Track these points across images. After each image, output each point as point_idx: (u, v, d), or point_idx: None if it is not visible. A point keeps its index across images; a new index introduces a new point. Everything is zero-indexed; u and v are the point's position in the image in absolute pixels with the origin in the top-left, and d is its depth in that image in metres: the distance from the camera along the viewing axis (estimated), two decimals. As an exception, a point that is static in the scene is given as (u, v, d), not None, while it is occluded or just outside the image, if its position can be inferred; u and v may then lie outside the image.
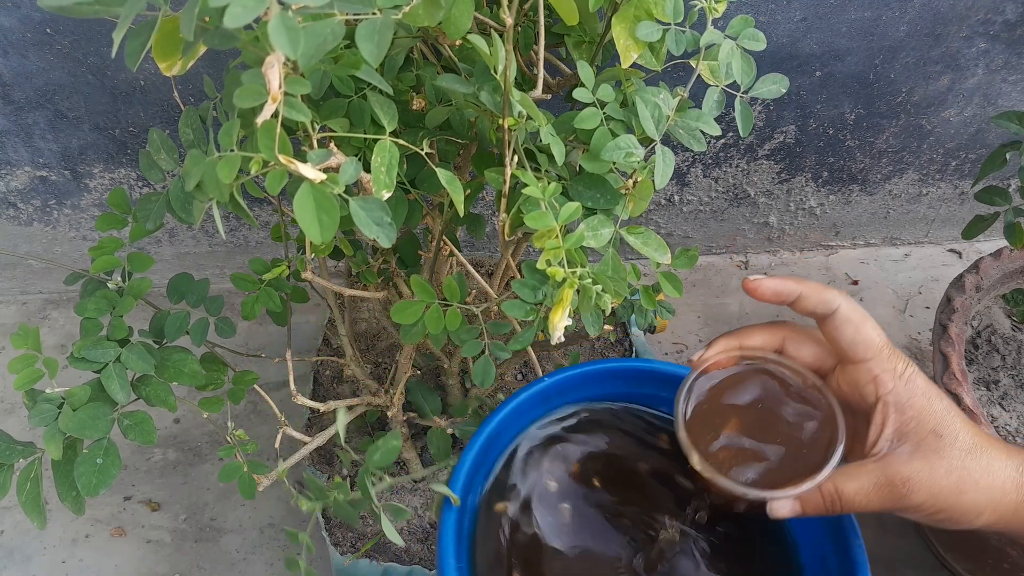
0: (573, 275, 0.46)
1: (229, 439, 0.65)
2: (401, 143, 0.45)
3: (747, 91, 0.53)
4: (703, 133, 0.52)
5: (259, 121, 0.37)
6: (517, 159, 0.50)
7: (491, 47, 0.43)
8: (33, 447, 0.56)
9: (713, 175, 1.10)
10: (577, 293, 0.47)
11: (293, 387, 0.69)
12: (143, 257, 0.62)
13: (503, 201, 0.52)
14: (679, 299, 1.22)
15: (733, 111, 0.52)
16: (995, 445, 0.46)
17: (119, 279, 0.62)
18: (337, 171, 0.41)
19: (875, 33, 0.92)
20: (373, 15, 0.35)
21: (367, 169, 0.43)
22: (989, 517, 0.45)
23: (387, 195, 0.43)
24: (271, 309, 0.66)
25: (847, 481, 0.46)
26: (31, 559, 0.95)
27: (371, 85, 0.47)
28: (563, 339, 0.48)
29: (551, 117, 0.52)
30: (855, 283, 1.22)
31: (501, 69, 0.44)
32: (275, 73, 0.35)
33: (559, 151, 0.49)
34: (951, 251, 1.26)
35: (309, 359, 0.86)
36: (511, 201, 0.51)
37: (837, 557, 0.54)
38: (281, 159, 0.38)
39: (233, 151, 0.40)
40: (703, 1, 0.50)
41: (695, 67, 0.52)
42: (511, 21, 0.42)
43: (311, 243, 0.59)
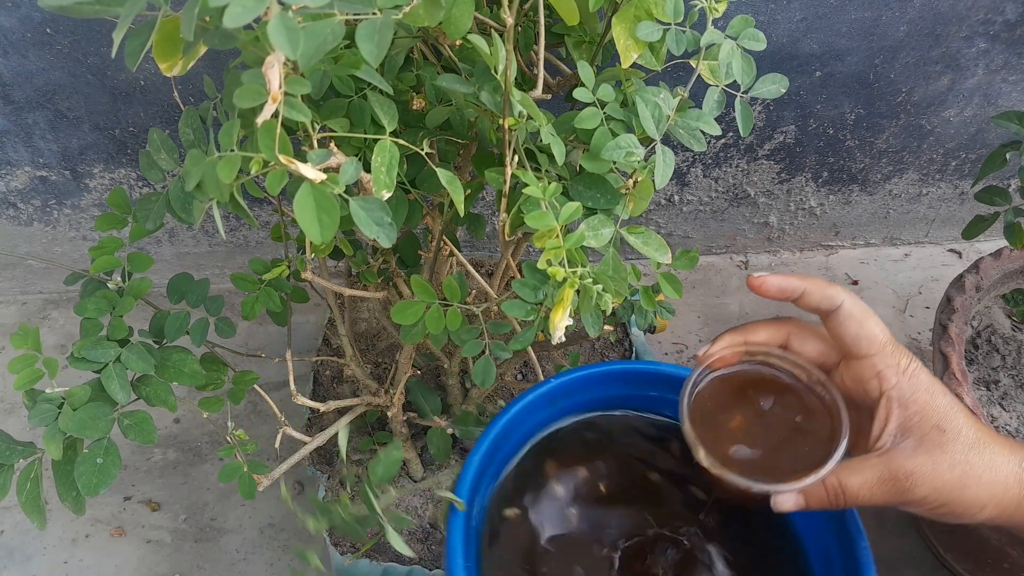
0: (574, 275, 0.46)
1: (229, 439, 0.65)
2: (401, 143, 0.45)
3: (747, 91, 0.53)
4: (703, 133, 0.52)
5: (259, 121, 0.37)
6: (517, 159, 0.50)
7: (491, 47, 0.43)
8: (33, 447, 0.56)
9: (713, 175, 1.10)
10: (577, 293, 0.47)
11: (293, 387, 0.69)
12: (143, 257, 0.62)
13: (503, 201, 0.52)
14: (679, 299, 1.22)
15: (733, 111, 0.52)
16: (998, 440, 0.46)
17: (119, 279, 0.62)
18: (337, 171, 0.41)
19: (875, 33, 0.92)
20: (373, 15, 0.35)
21: (367, 169, 0.43)
22: (991, 511, 0.46)
23: (387, 195, 0.43)
24: (271, 309, 0.66)
25: (851, 475, 0.46)
26: (31, 559, 0.95)
27: (371, 85, 0.47)
28: (563, 339, 0.48)
29: (551, 117, 0.51)
30: (855, 283, 1.22)
31: (501, 69, 0.44)
32: (275, 73, 0.35)
33: (559, 151, 0.49)
34: (951, 251, 1.26)
35: (309, 359, 0.86)
36: (511, 201, 0.51)
37: (843, 558, 0.55)
38: (281, 159, 0.38)
39: (233, 151, 0.40)
40: (703, 1, 0.50)
41: (695, 67, 0.52)
42: (511, 21, 0.42)
43: (311, 243, 0.59)
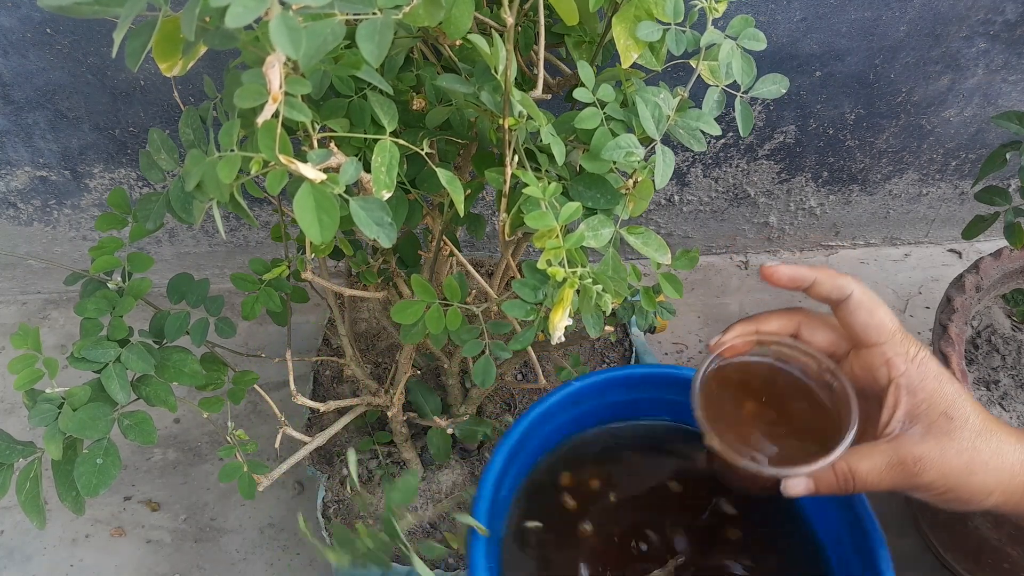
0: (574, 275, 0.46)
1: (229, 439, 0.65)
2: (401, 143, 0.45)
3: (747, 91, 0.53)
4: (703, 133, 0.52)
5: (259, 121, 0.37)
6: (517, 159, 0.50)
7: (491, 47, 0.43)
8: (33, 447, 0.56)
9: (713, 175, 1.10)
10: (577, 293, 0.47)
11: (293, 387, 0.69)
12: (143, 257, 0.62)
13: (503, 201, 0.52)
14: (680, 299, 1.22)
15: (733, 111, 0.52)
16: (1005, 429, 0.47)
17: (119, 279, 0.62)
18: (337, 171, 0.41)
19: (875, 33, 0.92)
20: (373, 15, 0.35)
21: (367, 169, 0.43)
22: (997, 498, 0.46)
23: (387, 195, 0.43)
24: (271, 309, 0.66)
25: (860, 460, 0.47)
26: (31, 559, 0.95)
27: (371, 85, 0.47)
28: (563, 339, 0.48)
29: (551, 117, 0.51)
30: (855, 283, 1.22)
31: (502, 69, 0.44)
32: (276, 73, 0.35)
33: (559, 151, 0.49)
34: (951, 251, 1.26)
35: (309, 359, 0.86)
36: (511, 201, 0.51)
37: (862, 564, 0.57)
38: (281, 159, 0.38)
39: (233, 151, 0.40)
40: (703, 1, 0.50)
41: (695, 67, 0.52)
42: (512, 20, 0.42)
43: (311, 243, 0.59)
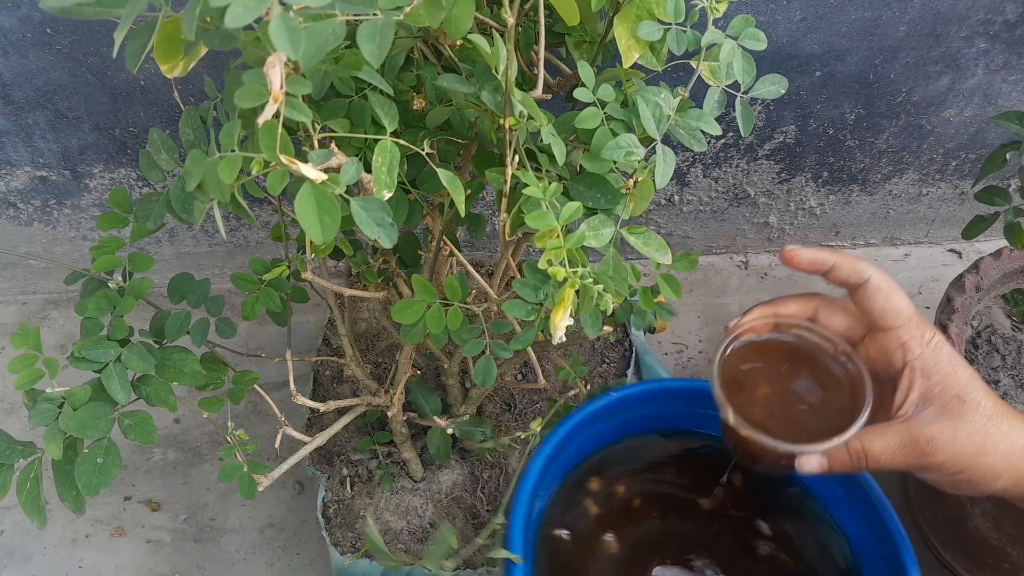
0: (574, 275, 0.46)
1: (229, 439, 0.65)
2: (402, 143, 0.45)
3: (747, 91, 0.53)
4: (703, 133, 0.52)
5: (260, 121, 0.37)
6: (518, 159, 0.50)
7: (492, 47, 0.43)
8: (33, 447, 0.56)
9: (713, 175, 1.10)
10: (577, 293, 0.47)
11: (293, 387, 0.69)
12: (144, 257, 0.62)
13: (504, 201, 0.52)
14: (680, 299, 1.21)
15: (733, 111, 0.53)
16: (1015, 414, 0.48)
17: (120, 279, 0.62)
18: (338, 171, 0.41)
19: (875, 33, 0.92)
20: (374, 16, 0.35)
21: (368, 169, 0.43)
22: (1006, 481, 0.47)
23: (388, 195, 0.43)
24: (271, 309, 0.66)
25: (874, 439, 0.48)
26: (31, 559, 0.95)
27: (371, 85, 0.47)
28: (564, 339, 0.48)
29: (551, 117, 0.51)
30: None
31: (502, 69, 0.44)
32: (276, 73, 0.35)
33: (560, 151, 0.49)
34: (951, 251, 1.26)
35: (309, 359, 0.86)
36: (511, 201, 0.51)
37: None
38: (283, 159, 0.38)
39: (234, 151, 0.40)
40: (704, 1, 0.50)
41: (695, 67, 0.52)
42: (512, 20, 0.42)
43: (311, 243, 0.59)
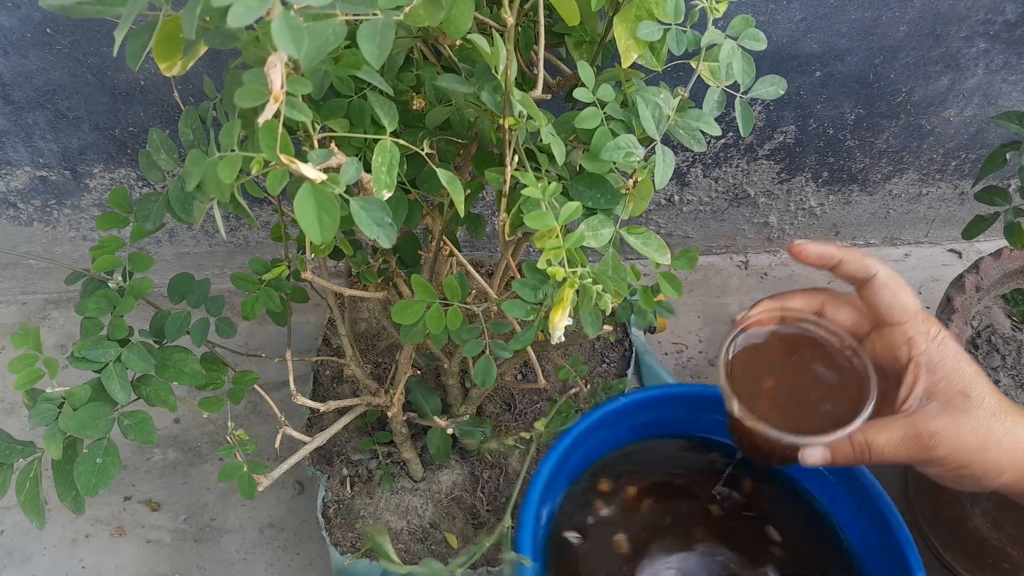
0: (574, 275, 0.46)
1: (229, 439, 0.65)
2: (401, 143, 0.45)
3: (747, 92, 0.53)
4: (703, 133, 0.52)
5: (261, 121, 0.37)
6: (517, 159, 0.50)
7: (492, 47, 0.43)
8: (33, 447, 0.56)
9: (713, 175, 1.10)
10: (577, 293, 0.47)
11: (293, 387, 0.69)
12: (144, 257, 0.62)
13: (503, 201, 0.52)
14: (680, 299, 1.21)
15: (733, 111, 0.53)
16: (1019, 411, 0.48)
17: (120, 279, 0.62)
18: (337, 171, 0.41)
19: (875, 33, 0.92)
20: (374, 16, 0.35)
21: (367, 169, 0.43)
22: (1009, 477, 0.48)
23: (388, 195, 0.43)
24: (271, 309, 0.66)
25: (877, 433, 0.48)
26: (31, 559, 0.95)
27: (371, 85, 0.47)
28: (563, 339, 0.48)
29: (551, 117, 0.51)
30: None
31: (502, 69, 0.44)
32: (277, 73, 0.35)
33: (559, 151, 0.49)
34: (951, 251, 1.26)
35: (309, 359, 0.86)
36: (511, 201, 0.51)
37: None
38: (283, 159, 0.38)
39: (234, 151, 0.40)
40: (704, 1, 0.50)
41: (695, 68, 0.52)
42: (512, 20, 0.42)
43: (311, 243, 0.59)
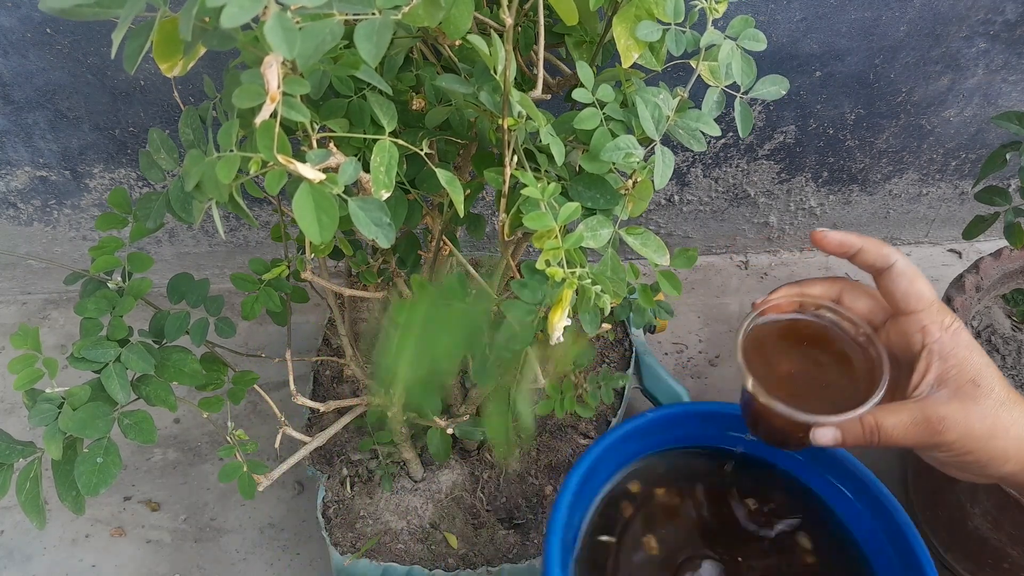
0: (572, 275, 0.46)
1: (229, 439, 0.65)
2: (401, 143, 0.45)
3: (747, 92, 0.53)
4: (703, 134, 0.52)
5: (258, 121, 0.37)
6: (517, 159, 0.50)
7: (491, 47, 0.43)
8: (33, 447, 0.56)
9: (713, 175, 1.10)
10: (576, 294, 0.47)
11: (293, 387, 0.69)
12: (143, 257, 0.62)
13: (503, 201, 0.52)
14: (679, 299, 1.21)
15: (733, 111, 0.53)
16: None
17: (119, 279, 0.62)
18: (336, 171, 0.41)
19: (875, 33, 0.92)
20: (372, 15, 0.35)
21: (366, 169, 0.43)
22: (1014, 466, 0.48)
23: (386, 195, 0.43)
24: (271, 309, 0.66)
25: (887, 416, 0.50)
26: (31, 559, 0.95)
27: (371, 85, 0.47)
28: (561, 339, 0.48)
29: (551, 117, 0.51)
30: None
31: (501, 69, 0.44)
32: (273, 73, 0.35)
33: (558, 151, 0.49)
34: (951, 251, 1.26)
35: (309, 359, 0.86)
36: (511, 201, 0.51)
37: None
38: (280, 159, 0.38)
39: (232, 151, 0.40)
40: (703, 1, 0.50)
41: (695, 68, 0.52)
42: (511, 21, 0.42)
43: (311, 243, 0.59)
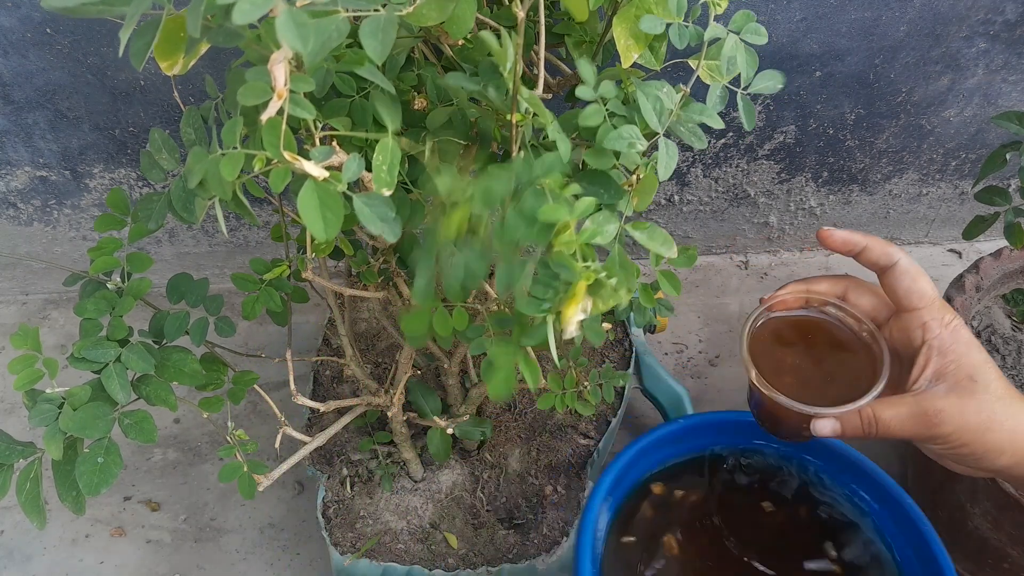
0: (587, 269, 0.46)
1: (229, 439, 0.65)
2: (403, 144, 0.45)
3: (747, 87, 0.53)
4: (704, 131, 0.52)
5: (264, 118, 0.37)
6: (524, 156, 0.50)
7: (501, 43, 0.43)
8: (33, 447, 0.56)
9: (713, 175, 1.10)
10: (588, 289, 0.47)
11: (293, 387, 0.69)
12: (142, 257, 0.62)
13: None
14: (680, 299, 1.21)
15: (734, 110, 0.53)
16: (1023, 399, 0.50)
17: (118, 279, 0.61)
18: (339, 169, 0.41)
19: (875, 33, 0.92)
20: (376, 12, 0.35)
21: (368, 168, 0.43)
22: (1009, 460, 0.49)
23: (388, 193, 0.43)
24: (271, 309, 0.66)
25: (886, 408, 0.51)
26: (31, 559, 0.95)
27: (374, 84, 0.47)
28: (575, 334, 0.48)
29: (552, 117, 0.51)
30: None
31: (510, 66, 0.44)
32: (281, 70, 0.35)
33: (564, 147, 0.49)
34: (951, 251, 1.26)
35: (309, 359, 0.86)
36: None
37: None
38: (286, 156, 0.38)
39: (236, 149, 0.40)
40: (706, -2, 0.50)
41: (695, 68, 0.52)
42: (523, 15, 0.42)
43: (312, 242, 0.59)
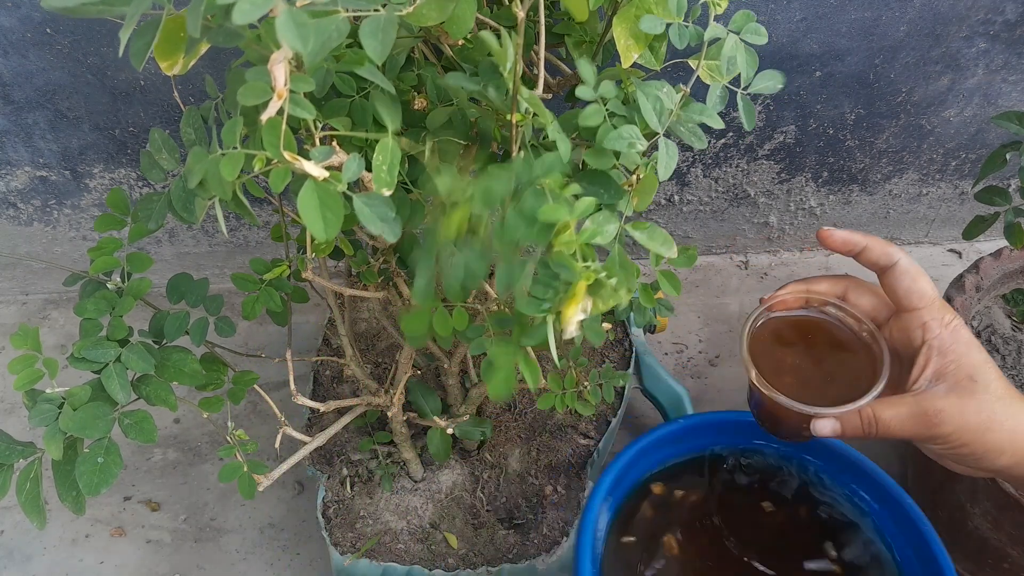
0: (587, 269, 0.46)
1: (229, 439, 0.65)
2: (404, 142, 0.45)
3: (747, 87, 0.53)
4: (704, 131, 0.52)
5: (264, 118, 0.37)
6: (524, 156, 0.50)
7: (501, 43, 0.43)
8: (33, 447, 0.56)
9: (713, 175, 1.10)
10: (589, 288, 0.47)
11: (293, 387, 0.69)
12: (142, 257, 0.62)
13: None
14: (680, 299, 1.21)
15: (733, 110, 0.53)
16: (1023, 399, 0.50)
17: (118, 279, 0.61)
18: (339, 169, 0.41)
19: (875, 33, 0.92)
20: (376, 12, 0.35)
21: (368, 168, 0.43)
22: (1009, 459, 0.49)
23: (388, 193, 0.43)
24: (271, 309, 0.66)
25: (886, 408, 0.51)
26: (31, 559, 0.95)
27: (373, 84, 0.47)
28: (575, 333, 0.48)
29: (553, 116, 0.51)
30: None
31: (510, 66, 0.44)
32: (281, 69, 0.35)
33: (565, 147, 0.49)
34: (951, 251, 1.26)
35: (309, 359, 0.86)
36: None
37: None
38: (286, 156, 0.38)
39: (236, 148, 0.40)
40: (706, -2, 0.50)
41: (694, 68, 0.52)
42: (523, 15, 0.42)
43: (312, 242, 0.59)
